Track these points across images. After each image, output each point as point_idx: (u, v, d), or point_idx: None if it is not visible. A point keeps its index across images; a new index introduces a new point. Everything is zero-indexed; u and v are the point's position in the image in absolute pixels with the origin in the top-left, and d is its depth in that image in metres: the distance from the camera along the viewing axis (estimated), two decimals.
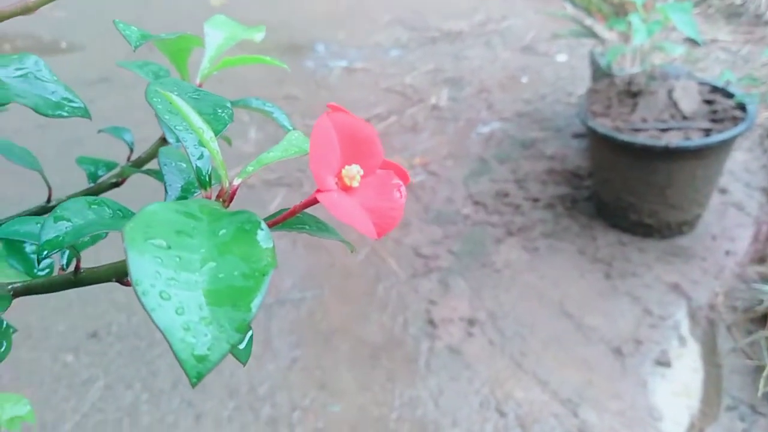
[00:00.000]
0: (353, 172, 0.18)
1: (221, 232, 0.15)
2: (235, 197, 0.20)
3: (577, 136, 1.63)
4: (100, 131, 0.29)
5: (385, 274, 1.25)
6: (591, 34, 1.39)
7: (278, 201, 1.45)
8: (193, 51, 0.31)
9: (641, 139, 1.18)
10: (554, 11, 1.83)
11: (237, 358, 0.19)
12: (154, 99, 0.19)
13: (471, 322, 1.14)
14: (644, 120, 1.23)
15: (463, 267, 1.26)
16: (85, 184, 0.30)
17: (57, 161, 1.45)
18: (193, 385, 0.12)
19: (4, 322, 0.21)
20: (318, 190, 0.17)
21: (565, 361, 1.06)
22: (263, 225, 0.15)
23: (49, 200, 0.28)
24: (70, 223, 0.18)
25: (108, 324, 1.15)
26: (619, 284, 1.20)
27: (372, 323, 1.15)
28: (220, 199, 0.18)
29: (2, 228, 0.21)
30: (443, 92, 1.89)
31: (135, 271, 0.13)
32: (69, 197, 0.27)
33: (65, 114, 0.22)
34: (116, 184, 0.28)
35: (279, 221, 0.19)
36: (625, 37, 1.32)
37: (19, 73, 0.22)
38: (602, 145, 1.27)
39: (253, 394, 1.02)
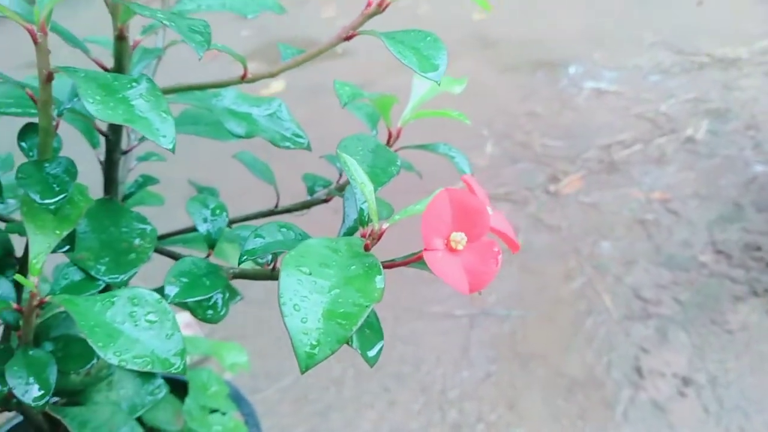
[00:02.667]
0: (458, 238, 0.22)
1: (352, 268, 0.20)
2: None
3: None
4: (321, 157, 0.36)
5: (597, 310, 1.20)
6: None
7: None
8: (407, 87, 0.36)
9: None
10: None
11: (366, 362, 0.23)
12: (341, 153, 0.24)
13: (686, 382, 1.05)
14: None
15: (688, 320, 1.16)
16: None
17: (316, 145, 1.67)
18: (302, 372, 0.17)
19: (227, 294, 0.29)
20: (425, 249, 0.21)
21: None
22: (381, 270, 0.20)
23: (276, 206, 0.37)
24: (263, 240, 0.24)
25: None
26: None
27: (573, 356, 1.12)
28: (371, 238, 0.23)
29: (233, 230, 0.29)
30: (702, 124, 1.72)
31: (282, 288, 0.18)
32: (286, 207, 0.34)
33: (291, 146, 0.29)
34: (325, 200, 0.35)
35: (399, 265, 0.23)
36: None
37: (267, 112, 0.30)
38: None
39: (443, 396, 1.08)
